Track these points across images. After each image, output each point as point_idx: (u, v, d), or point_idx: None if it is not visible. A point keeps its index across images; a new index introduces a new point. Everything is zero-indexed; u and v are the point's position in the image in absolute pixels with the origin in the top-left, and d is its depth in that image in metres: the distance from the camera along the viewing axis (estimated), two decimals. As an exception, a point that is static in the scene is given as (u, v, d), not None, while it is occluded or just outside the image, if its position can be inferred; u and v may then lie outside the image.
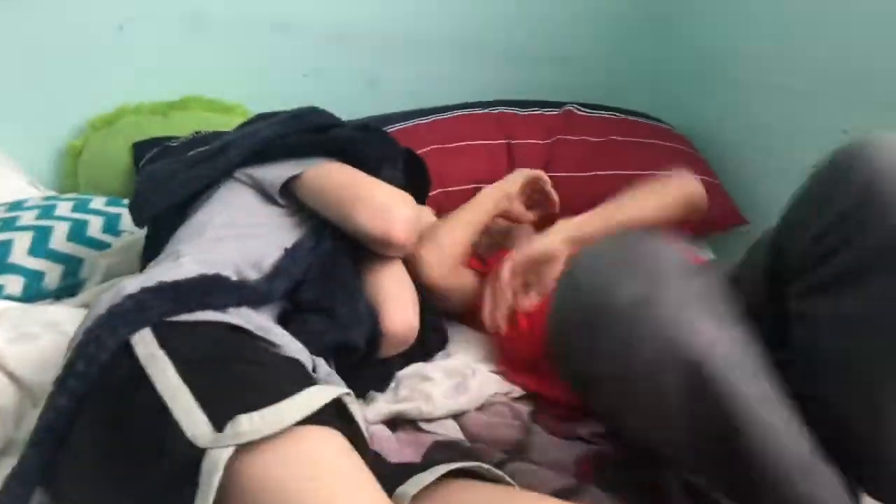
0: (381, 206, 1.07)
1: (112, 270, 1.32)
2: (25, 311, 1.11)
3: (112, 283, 1.26)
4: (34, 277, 1.27)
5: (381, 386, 1.14)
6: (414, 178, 1.37)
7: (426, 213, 1.41)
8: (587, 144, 1.84)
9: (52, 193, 1.68)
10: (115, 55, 1.78)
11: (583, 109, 1.93)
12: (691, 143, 1.98)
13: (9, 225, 1.33)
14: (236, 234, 1.02)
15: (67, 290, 1.31)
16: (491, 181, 1.64)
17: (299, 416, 0.67)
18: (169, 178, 1.12)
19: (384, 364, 1.14)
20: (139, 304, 0.78)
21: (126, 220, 1.45)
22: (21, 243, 1.30)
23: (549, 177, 1.65)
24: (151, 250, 1.14)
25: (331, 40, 1.95)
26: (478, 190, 1.61)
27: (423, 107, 1.90)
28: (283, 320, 0.97)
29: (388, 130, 1.71)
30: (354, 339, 1.00)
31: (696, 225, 1.81)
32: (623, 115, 1.96)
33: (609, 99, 2.02)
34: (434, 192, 1.65)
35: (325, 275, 1.04)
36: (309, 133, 1.20)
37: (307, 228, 1.11)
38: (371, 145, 1.20)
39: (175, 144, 1.66)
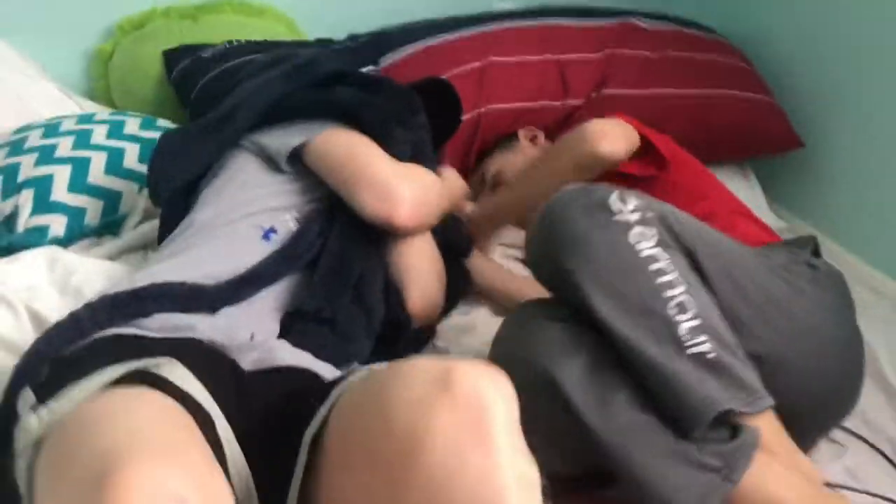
0: (383, 187, 1.04)
1: (151, 208, 1.32)
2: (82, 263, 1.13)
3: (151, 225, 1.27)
4: (76, 215, 1.27)
5: (419, 349, 1.17)
6: (442, 108, 1.31)
7: (450, 176, 1.31)
8: (642, 60, 1.75)
9: (84, 101, 1.67)
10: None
11: (642, 20, 1.82)
12: (746, 57, 1.88)
13: (47, 156, 1.32)
14: (223, 227, 1.01)
15: (108, 226, 1.31)
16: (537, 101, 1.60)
17: (85, 394, 0.70)
18: (181, 150, 1.11)
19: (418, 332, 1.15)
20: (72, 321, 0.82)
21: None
22: (61, 178, 1.29)
23: (604, 94, 1.65)
24: (165, 226, 1.14)
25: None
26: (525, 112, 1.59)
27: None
28: (287, 327, 0.97)
29: (416, 49, 1.64)
30: (356, 351, 0.99)
31: (751, 147, 1.78)
32: (678, 27, 1.85)
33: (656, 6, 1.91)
34: (473, 114, 1.61)
35: (334, 271, 1.02)
36: (314, 90, 1.16)
37: (319, 196, 1.09)
38: (375, 107, 1.14)
39: (206, 56, 1.60)
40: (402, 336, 1.08)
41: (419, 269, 1.11)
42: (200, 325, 0.88)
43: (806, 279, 1.07)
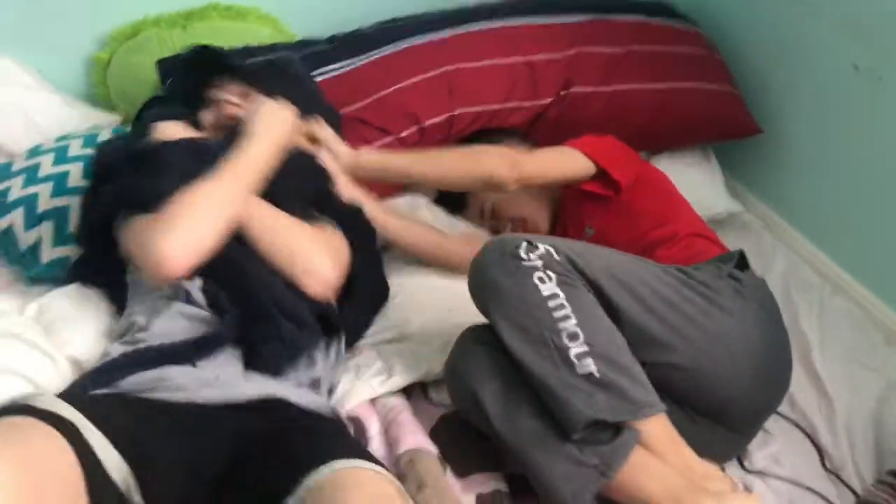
0: (307, 270, 1.20)
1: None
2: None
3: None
4: None
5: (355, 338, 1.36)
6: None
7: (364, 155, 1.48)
8: (607, 57, 1.83)
9: (87, 110, 1.79)
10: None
11: (610, 15, 1.89)
12: (713, 45, 1.96)
13: (61, 186, 1.46)
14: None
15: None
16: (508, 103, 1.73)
17: None
18: None
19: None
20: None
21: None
22: (75, 209, 1.43)
23: (571, 93, 1.77)
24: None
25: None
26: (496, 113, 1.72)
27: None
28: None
29: (389, 52, 1.74)
30: (305, 344, 1.16)
31: (711, 134, 1.90)
32: (645, 18, 1.93)
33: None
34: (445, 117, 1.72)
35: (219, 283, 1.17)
36: None
37: None
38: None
39: None
40: (330, 316, 1.24)
41: (284, 248, 1.22)
42: (170, 375, 1.06)
43: (728, 292, 1.24)
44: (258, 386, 1.10)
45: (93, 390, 1.03)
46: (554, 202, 1.64)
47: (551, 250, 1.12)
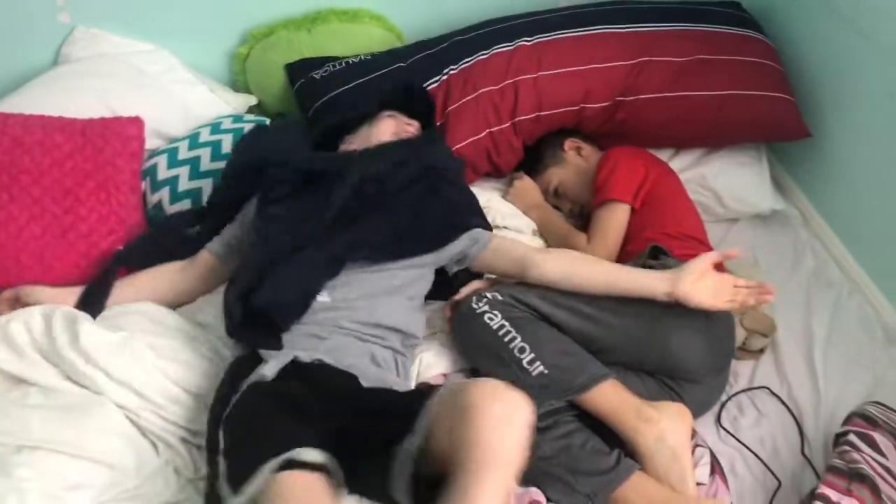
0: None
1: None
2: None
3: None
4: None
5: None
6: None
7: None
8: (673, 65, 2.04)
9: (228, 96, 2.15)
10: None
11: (664, 26, 2.09)
12: (775, 52, 2.14)
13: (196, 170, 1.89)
14: None
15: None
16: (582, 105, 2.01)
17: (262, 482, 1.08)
18: None
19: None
20: None
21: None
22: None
23: (640, 98, 2.03)
24: None
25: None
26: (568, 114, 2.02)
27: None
28: None
29: (472, 62, 2.02)
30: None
31: (765, 136, 2.13)
32: (713, 28, 2.12)
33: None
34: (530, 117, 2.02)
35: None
36: None
37: None
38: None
39: (317, 77, 2.05)
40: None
41: None
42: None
43: None
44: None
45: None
46: None
47: (496, 294, 1.54)
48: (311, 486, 1.09)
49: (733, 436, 1.68)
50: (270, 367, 1.31)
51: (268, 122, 2.01)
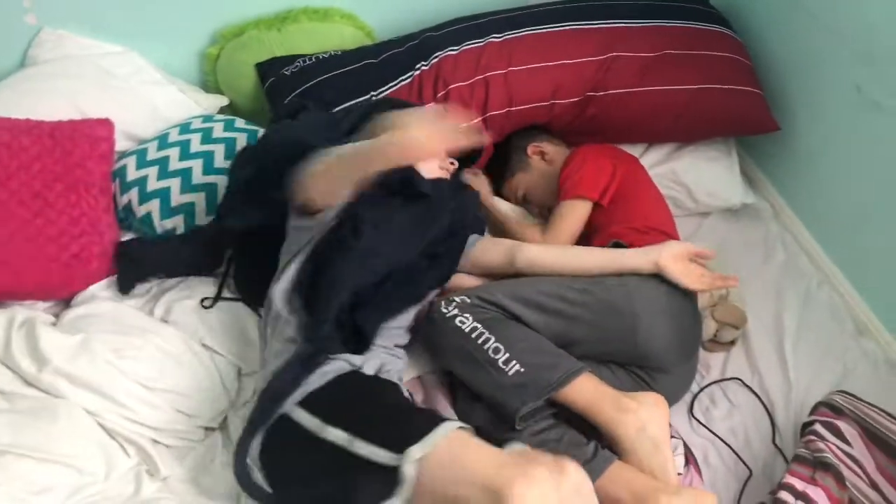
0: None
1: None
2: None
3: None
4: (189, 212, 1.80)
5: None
6: None
7: None
8: (642, 60, 2.05)
9: (199, 96, 2.14)
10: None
11: (633, 22, 2.10)
12: (742, 48, 2.16)
13: (164, 170, 1.85)
14: None
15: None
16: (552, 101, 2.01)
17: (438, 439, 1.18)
18: None
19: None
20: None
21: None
22: (175, 188, 1.81)
23: (609, 93, 2.02)
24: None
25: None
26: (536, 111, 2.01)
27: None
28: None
29: (444, 56, 2.01)
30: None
31: (734, 130, 2.15)
32: (680, 23, 2.13)
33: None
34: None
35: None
36: None
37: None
38: None
39: (287, 74, 2.04)
40: None
41: None
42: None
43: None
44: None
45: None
46: None
47: (465, 297, 1.55)
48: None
49: (706, 426, 1.70)
50: (369, 368, 1.41)
51: (238, 122, 2.00)
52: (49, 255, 1.68)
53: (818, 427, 1.51)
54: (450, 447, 1.17)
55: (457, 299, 1.55)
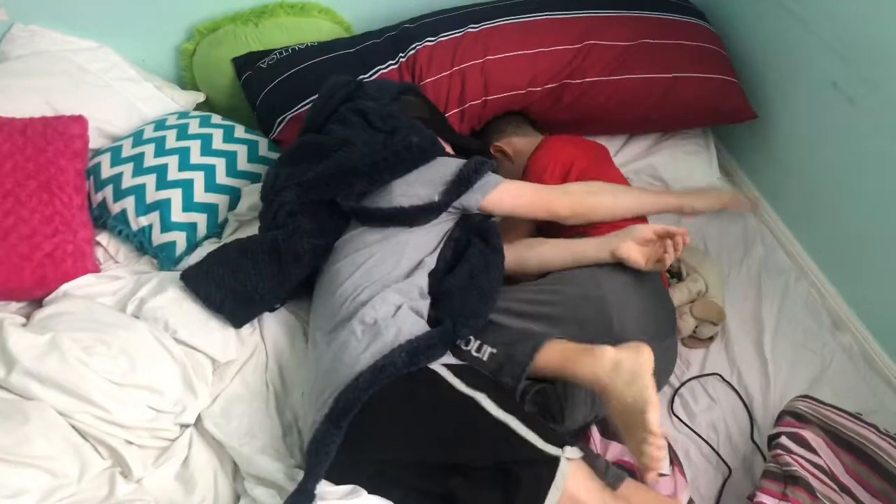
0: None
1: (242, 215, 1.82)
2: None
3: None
4: (191, 230, 1.79)
5: None
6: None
7: None
8: (619, 49, 2.06)
9: (175, 93, 2.11)
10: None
11: (609, 12, 2.11)
12: (718, 38, 2.17)
13: (163, 179, 1.81)
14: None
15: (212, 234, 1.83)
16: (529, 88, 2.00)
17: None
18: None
19: None
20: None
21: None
22: (176, 202, 1.79)
23: (583, 82, 2.02)
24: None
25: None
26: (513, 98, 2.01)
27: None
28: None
29: (423, 47, 2.01)
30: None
31: (711, 118, 2.16)
32: (656, 14, 2.14)
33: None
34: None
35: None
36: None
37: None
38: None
39: (264, 66, 2.03)
40: None
41: None
42: None
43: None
44: None
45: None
46: None
47: None
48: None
49: (686, 424, 1.70)
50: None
51: (214, 118, 1.98)
52: (21, 255, 1.65)
53: (784, 440, 1.50)
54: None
55: None
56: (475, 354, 1.47)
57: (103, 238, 1.82)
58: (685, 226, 2.11)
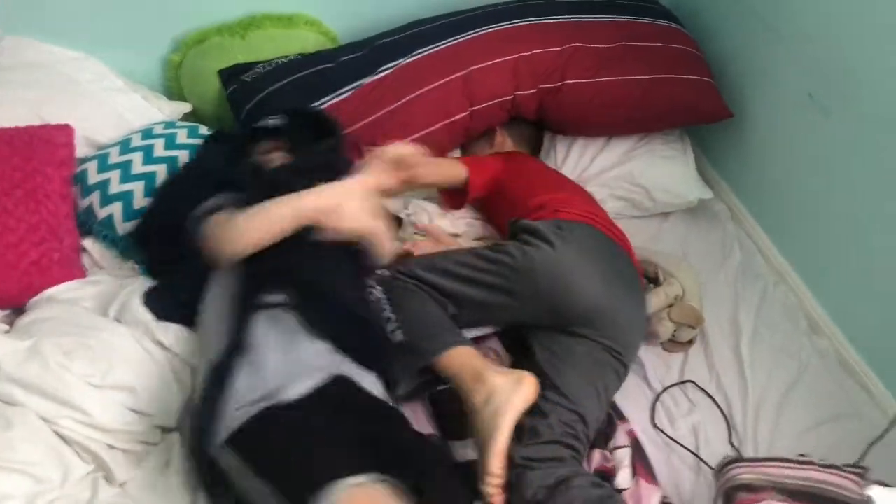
0: None
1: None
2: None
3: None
4: None
5: None
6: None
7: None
8: (598, 51, 2.10)
9: (162, 104, 2.13)
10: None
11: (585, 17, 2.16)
12: (694, 42, 2.22)
13: (127, 173, 1.84)
14: None
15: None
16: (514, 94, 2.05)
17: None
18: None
19: None
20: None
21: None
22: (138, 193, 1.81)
23: (564, 84, 2.07)
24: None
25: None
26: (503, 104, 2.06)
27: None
28: None
29: (405, 63, 2.04)
30: None
31: (689, 119, 2.19)
32: (633, 19, 2.20)
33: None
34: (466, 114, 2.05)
35: None
36: None
37: None
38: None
39: (248, 80, 2.05)
40: None
41: None
42: None
43: (551, 230, 1.66)
44: None
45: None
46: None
47: (385, 271, 1.67)
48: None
49: (664, 433, 1.72)
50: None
51: (202, 128, 2.01)
52: (8, 263, 1.67)
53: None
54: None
55: (378, 273, 1.65)
56: (388, 334, 1.56)
57: (88, 243, 1.84)
58: (666, 234, 2.15)
